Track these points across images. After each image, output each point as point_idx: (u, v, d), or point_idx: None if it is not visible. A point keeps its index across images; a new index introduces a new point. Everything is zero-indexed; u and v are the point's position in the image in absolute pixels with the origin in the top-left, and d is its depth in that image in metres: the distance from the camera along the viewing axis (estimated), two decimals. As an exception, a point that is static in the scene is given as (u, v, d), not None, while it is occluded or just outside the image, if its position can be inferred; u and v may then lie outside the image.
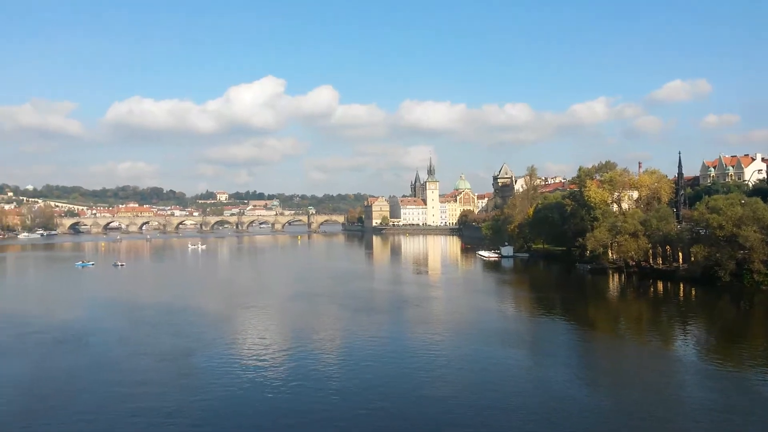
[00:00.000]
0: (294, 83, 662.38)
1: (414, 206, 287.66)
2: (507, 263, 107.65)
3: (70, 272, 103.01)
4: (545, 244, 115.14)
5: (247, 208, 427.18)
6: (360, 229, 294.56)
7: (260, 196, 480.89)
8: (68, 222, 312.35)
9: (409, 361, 37.71)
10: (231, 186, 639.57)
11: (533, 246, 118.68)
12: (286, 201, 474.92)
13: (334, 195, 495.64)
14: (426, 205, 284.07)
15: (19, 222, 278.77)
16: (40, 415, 28.22)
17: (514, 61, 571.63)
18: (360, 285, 78.81)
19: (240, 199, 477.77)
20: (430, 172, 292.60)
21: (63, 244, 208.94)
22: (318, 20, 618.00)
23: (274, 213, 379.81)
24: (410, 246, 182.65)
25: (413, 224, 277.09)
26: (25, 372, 35.63)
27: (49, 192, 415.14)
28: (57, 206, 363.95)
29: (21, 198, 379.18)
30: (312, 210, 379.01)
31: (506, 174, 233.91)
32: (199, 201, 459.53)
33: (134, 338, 45.24)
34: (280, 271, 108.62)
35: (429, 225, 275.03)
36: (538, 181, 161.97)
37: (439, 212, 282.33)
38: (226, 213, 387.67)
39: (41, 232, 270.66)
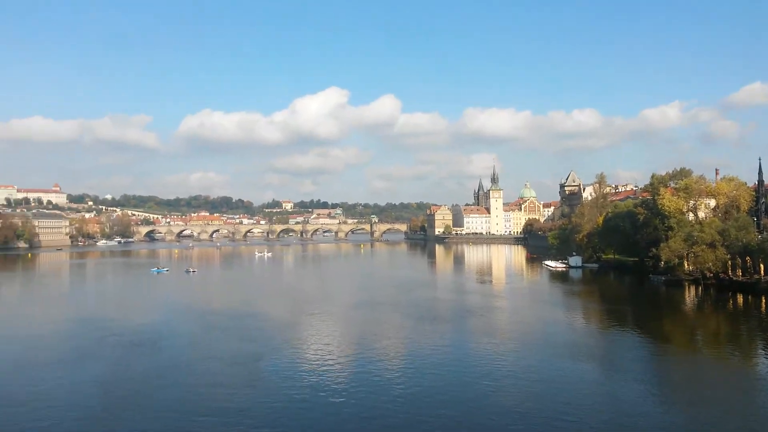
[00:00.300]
0: (357, 93, 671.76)
1: (477, 215, 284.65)
2: (575, 274, 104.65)
3: (146, 278, 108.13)
4: (616, 254, 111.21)
5: (312, 217, 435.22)
6: (422, 237, 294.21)
7: (324, 205, 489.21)
8: (144, 230, 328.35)
9: (473, 370, 37.29)
10: (296, 195, 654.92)
11: (603, 256, 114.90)
12: (349, 210, 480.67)
13: (397, 204, 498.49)
14: (489, 213, 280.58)
15: (98, 230, 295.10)
16: (119, 415, 29.67)
17: (582, 66, 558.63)
18: (423, 294, 78.64)
19: (305, 207, 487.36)
20: (494, 180, 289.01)
21: (139, 251, 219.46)
22: (380, 31, 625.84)
23: (338, 221, 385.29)
24: (473, 255, 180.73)
25: (476, 233, 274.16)
26: (105, 373, 37.49)
27: (126, 201, 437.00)
28: (134, 215, 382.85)
29: (100, 207, 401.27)
30: (375, 218, 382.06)
31: (574, 182, 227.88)
32: (266, 210, 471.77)
33: (206, 342, 46.90)
34: (343, 279, 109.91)
35: (493, 234, 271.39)
36: (608, 188, 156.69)
37: (503, 221, 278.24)
38: (292, 221, 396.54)
39: (119, 239, 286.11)
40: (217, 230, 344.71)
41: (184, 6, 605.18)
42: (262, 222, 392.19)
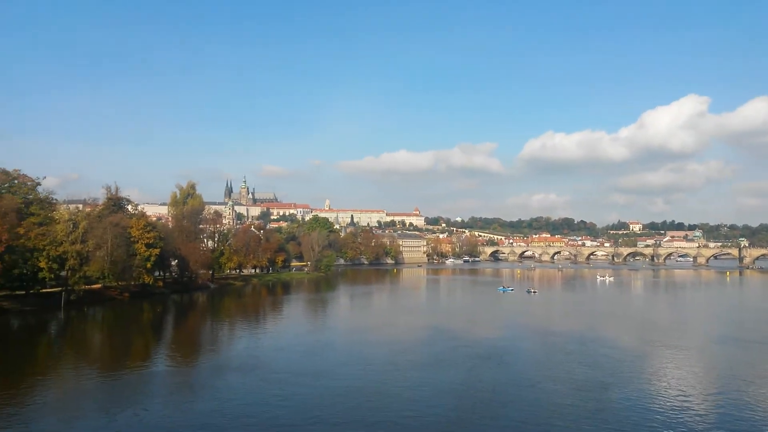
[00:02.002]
0: (720, 99, 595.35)
1: None
2: None
3: (493, 295, 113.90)
4: None
5: (664, 239, 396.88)
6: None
7: (679, 226, 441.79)
8: (489, 250, 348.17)
9: None
10: (645, 215, 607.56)
11: None
12: (711, 231, 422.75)
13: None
14: None
15: (450, 249, 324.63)
16: (471, 421, 31.60)
17: None
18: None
19: (655, 229, 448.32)
20: None
21: (484, 269, 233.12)
22: (744, 28, 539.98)
23: (696, 245, 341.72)
24: None
25: None
26: (457, 381, 40.43)
27: (473, 223, 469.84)
28: (480, 236, 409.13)
29: (451, 229, 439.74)
30: (744, 242, 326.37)
31: None
32: (610, 231, 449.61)
33: (548, 363, 46.60)
34: (702, 310, 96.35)
35: None
36: None
37: None
38: (640, 244, 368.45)
39: (466, 258, 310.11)
40: (558, 252, 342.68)
41: (518, 39, 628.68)
42: (607, 244, 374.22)
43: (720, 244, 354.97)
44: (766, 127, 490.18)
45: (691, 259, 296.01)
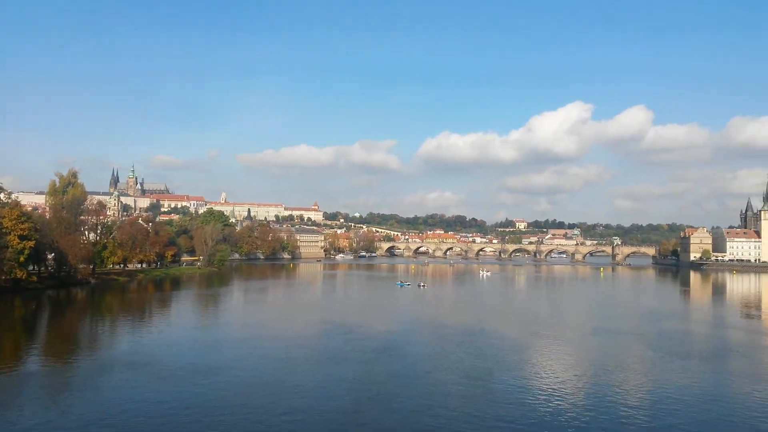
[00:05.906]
0: (603, 107, 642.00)
1: (744, 239, 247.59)
2: None
3: (386, 290, 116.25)
4: None
5: (546, 237, 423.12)
6: (674, 263, 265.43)
7: (560, 225, 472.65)
8: (386, 246, 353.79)
9: (730, 413, 32.50)
10: (530, 214, 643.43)
11: None
12: (588, 230, 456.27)
13: (644, 225, 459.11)
14: (760, 238, 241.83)
15: (347, 245, 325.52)
16: (365, 413, 32.42)
17: None
18: (673, 326, 70.58)
19: (539, 227, 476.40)
20: (767, 199, 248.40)
21: (380, 265, 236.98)
22: (628, 40, 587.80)
23: (575, 243, 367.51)
24: (738, 285, 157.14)
25: (742, 260, 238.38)
26: (352, 374, 41.08)
27: (371, 219, 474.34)
28: (377, 231, 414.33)
29: (350, 224, 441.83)
30: (617, 240, 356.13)
31: None
32: (499, 229, 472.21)
33: (440, 354, 48.53)
34: (579, 304, 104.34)
35: (764, 261, 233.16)
36: None
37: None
38: (525, 241, 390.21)
39: (363, 254, 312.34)
40: (451, 248, 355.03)
41: (420, 42, 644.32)
42: (495, 241, 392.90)
43: (596, 242, 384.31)
44: (641, 135, 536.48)
45: (570, 256, 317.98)
